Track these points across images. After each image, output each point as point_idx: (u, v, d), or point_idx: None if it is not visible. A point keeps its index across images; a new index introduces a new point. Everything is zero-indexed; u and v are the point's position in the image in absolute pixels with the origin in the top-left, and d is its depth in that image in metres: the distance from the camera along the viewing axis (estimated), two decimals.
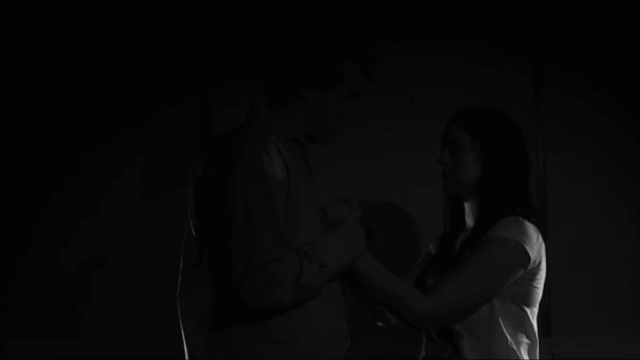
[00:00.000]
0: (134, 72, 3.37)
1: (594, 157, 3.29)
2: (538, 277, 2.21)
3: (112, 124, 3.37)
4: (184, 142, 3.36)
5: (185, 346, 2.06)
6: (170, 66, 3.37)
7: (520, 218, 2.17)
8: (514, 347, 2.17)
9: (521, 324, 2.20)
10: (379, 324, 2.37)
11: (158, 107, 3.36)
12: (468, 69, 3.28)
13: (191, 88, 3.37)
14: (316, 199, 2.07)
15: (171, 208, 3.30)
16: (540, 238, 2.20)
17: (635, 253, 3.26)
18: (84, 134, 3.37)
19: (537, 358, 2.25)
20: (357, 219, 2.09)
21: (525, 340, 2.21)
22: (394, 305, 2.13)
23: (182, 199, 3.28)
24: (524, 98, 3.28)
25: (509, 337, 2.17)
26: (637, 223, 3.27)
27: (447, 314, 2.13)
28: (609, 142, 3.29)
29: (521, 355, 2.18)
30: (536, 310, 2.25)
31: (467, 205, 2.30)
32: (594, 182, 3.29)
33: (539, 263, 2.20)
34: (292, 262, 1.89)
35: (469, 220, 2.30)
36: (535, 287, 2.21)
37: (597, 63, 3.30)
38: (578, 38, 3.31)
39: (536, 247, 2.18)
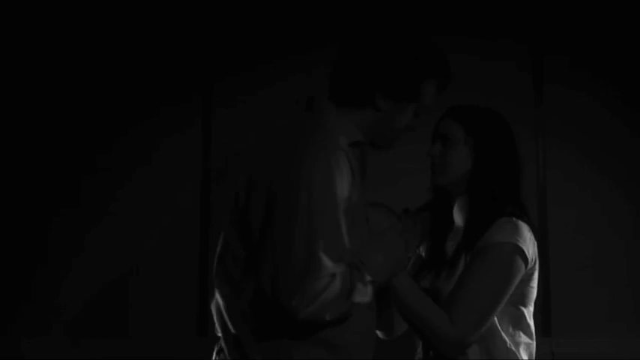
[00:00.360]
0: (134, 72, 3.38)
1: (595, 154, 3.28)
2: (534, 276, 2.20)
3: (113, 124, 3.38)
4: (184, 140, 3.37)
5: (222, 339, 1.98)
6: (170, 65, 3.37)
7: (514, 219, 2.15)
8: (513, 348, 2.16)
9: (518, 324, 2.18)
10: (381, 336, 2.34)
11: (158, 106, 3.37)
12: (468, 65, 3.27)
13: (191, 86, 3.38)
14: (365, 203, 2.03)
15: (173, 208, 3.32)
16: (533, 236, 2.18)
17: (635, 252, 3.25)
18: (84, 134, 3.37)
19: (535, 357, 2.24)
20: (399, 231, 2.07)
21: (523, 340, 2.19)
22: (423, 327, 2.10)
23: (183, 197, 3.33)
24: (524, 94, 3.28)
25: (507, 338, 2.16)
26: (638, 222, 3.26)
27: (474, 338, 2.09)
28: (610, 138, 3.28)
29: (520, 356, 2.17)
30: (532, 309, 2.23)
31: (456, 202, 2.28)
32: (595, 180, 3.28)
33: (535, 262, 2.19)
34: (345, 278, 1.84)
35: (458, 218, 2.28)
36: (531, 287, 2.20)
37: (598, 58, 3.30)
38: (578, 35, 3.31)
39: (532, 247, 2.16)
